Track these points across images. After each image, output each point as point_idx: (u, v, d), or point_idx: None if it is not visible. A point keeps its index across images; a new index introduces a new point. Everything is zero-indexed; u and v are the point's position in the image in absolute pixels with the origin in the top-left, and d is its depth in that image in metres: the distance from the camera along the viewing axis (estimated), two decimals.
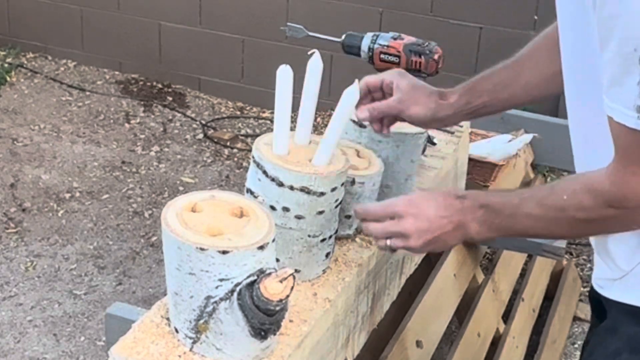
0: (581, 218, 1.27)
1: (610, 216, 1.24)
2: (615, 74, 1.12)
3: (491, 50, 3.88)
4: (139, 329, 1.30)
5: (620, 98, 1.12)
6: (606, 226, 1.28)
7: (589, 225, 1.28)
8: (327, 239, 1.48)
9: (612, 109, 1.14)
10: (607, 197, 1.23)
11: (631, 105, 1.10)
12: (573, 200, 1.26)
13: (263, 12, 4.26)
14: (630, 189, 1.20)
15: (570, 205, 1.27)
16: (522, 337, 2.54)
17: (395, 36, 1.92)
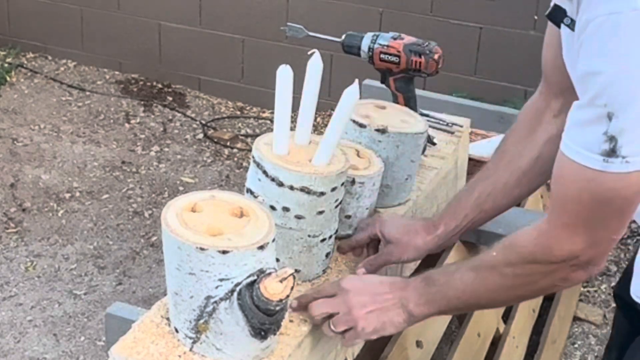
0: (508, 274, 1.27)
1: (534, 272, 1.25)
2: (583, 121, 1.13)
3: (491, 50, 3.87)
4: (139, 329, 1.30)
5: (584, 142, 1.13)
6: (533, 282, 1.28)
7: (516, 280, 1.28)
8: (327, 239, 1.48)
9: (574, 150, 1.15)
10: (531, 251, 1.24)
11: (596, 150, 1.11)
12: (501, 257, 1.28)
13: (263, 12, 4.26)
14: (557, 242, 1.21)
15: (499, 261, 1.28)
16: (522, 337, 2.54)
17: (395, 36, 1.92)
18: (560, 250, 1.21)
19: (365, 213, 1.63)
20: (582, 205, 1.17)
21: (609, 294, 3.08)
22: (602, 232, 1.19)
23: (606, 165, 1.11)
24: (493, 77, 3.90)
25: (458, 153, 2.13)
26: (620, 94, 1.07)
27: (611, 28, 1.07)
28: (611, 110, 1.08)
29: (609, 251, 1.25)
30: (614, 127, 1.09)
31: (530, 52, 3.78)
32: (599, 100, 1.09)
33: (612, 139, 1.09)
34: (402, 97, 1.96)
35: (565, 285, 1.29)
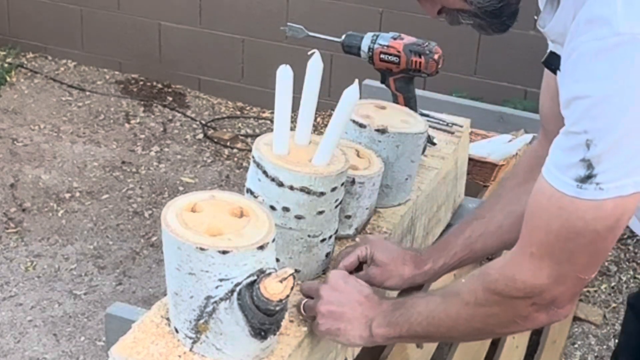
0: (470, 302, 1.26)
1: (495, 302, 1.23)
2: (564, 146, 1.12)
3: (491, 50, 3.88)
4: (139, 329, 1.30)
5: (562, 166, 1.12)
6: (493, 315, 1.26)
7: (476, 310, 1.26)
8: (327, 239, 1.48)
9: (552, 174, 1.14)
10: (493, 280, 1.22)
11: (571, 174, 1.10)
12: (468, 284, 1.27)
13: (263, 12, 4.26)
14: (521, 272, 1.19)
15: (464, 288, 1.27)
16: (522, 337, 2.54)
17: (395, 36, 1.92)
18: (523, 283, 1.19)
19: (365, 213, 1.63)
20: (550, 234, 1.14)
21: (609, 294, 3.08)
22: (568, 268, 1.16)
23: (579, 192, 1.09)
24: (493, 77, 3.90)
25: (458, 153, 2.13)
26: (600, 119, 1.07)
27: (594, 54, 1.07)
28: (590, 137, 1.07)
29: (576, 294, 1.22)
30: (592, 154, 1.08)
31: (530, 52, 3.78)
32: (579, 127, 1.09)
33: (589, 166, 1.08)
34: (402, 97, 1.95)
35: (525, 326, 1.25)
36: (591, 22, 1.08)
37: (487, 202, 1.64)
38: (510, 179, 1.60)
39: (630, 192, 1.09)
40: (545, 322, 1.24)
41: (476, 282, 1.26)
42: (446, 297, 1.30)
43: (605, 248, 1.15)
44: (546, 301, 1.19)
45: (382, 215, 1.72)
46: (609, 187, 1.08)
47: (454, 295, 1.29)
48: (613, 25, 1.05)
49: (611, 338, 2.87)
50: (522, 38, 3.79)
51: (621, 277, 3.17)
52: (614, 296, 3.05)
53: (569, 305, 1.22)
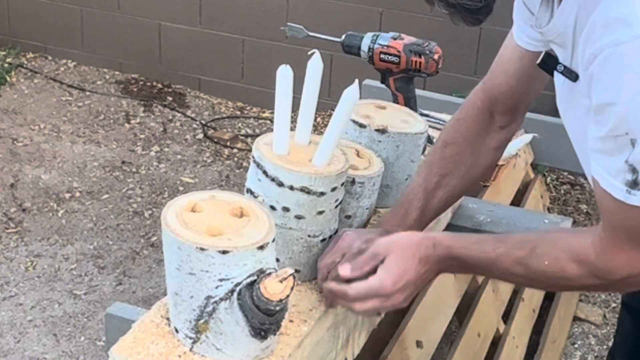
0: (563, 284, 1.30)
1: (592, 285, 1.27)
2: (606, 150, 1.14)
3: (491, 50, 3.86)
4: (139, 329, 1.30)
5: (609, 168, 1.14)
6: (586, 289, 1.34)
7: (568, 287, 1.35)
8: (327, 239, 1.48)
9: (600, 174, 1.16)
10: (592, 268, 1.24)
11: (620, 179, 1.12)
12: (555, 268, 1.27)
13: (263, 12, 4.26)
14: (616, 264, 1.22)
15: (553, 272, 1.28)
16: (522, 337, 2.54)
17: (395, 36, 1.92)
18: (620, 273, 1.22)
19: (365, 213, 1.63)
20: (630, 233, 1.18)
21: (609, 294, 3.08)
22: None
23: (628, 197, 1.12)
24: None
25: None
26: (636, 122, 1.08)
27: (618, 59, 1.07)
28: (634, 137, 1.09)
29: None
30: (635, 155, 1.09)
31: None
32: (620, 130, 1.10)
33: (633, 170, 1.10)
34: (402, 97, 1.96)
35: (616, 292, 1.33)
36: (609, 24, 1.08)
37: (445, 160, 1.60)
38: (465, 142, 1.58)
39: None
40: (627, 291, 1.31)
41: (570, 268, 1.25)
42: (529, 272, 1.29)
43: None
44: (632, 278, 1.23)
45: (382, 215, 1.72)
46: None
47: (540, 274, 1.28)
48: (633, 26, 1.06)
49: (611, 338, 2.87)
50: None
51: None
52: (614, 296, 3.05)
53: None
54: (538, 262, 1.29)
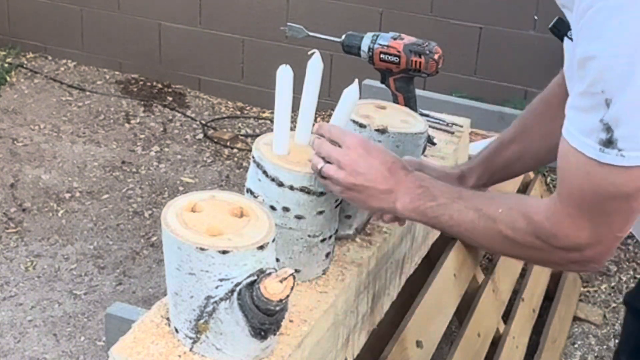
0: (508, 235, 1.28)
1: (533, 246, 1.25)
2: (582, 107, 1.13)
3: (491, 50, 3.87)
4: (139, 329, 1.30)
5: (583, 126, 1.13)
6: (526, 253, 1.30)
7: (510, 245, 1.29)
8: (327, 239, 1.48)
9: (571, 134, 1.15)
10: (539, 227, 1.23)
11: (594, 137, 1.11)
12: (506, 217, 1.28)
13: (263, 12, 4.26)
14: (563, 231, 1.21)
15: (503, 220, 1.28)
16: (522, 337, 2.54)
17: (395, 36, 1.92)
18: (565, 238, 1.21)
19: (365, 213, 1.63)
20: (585, 198, 1.16)
21: (609, 294, 3.08)
22: (606, 229, 1.18)
23: (601, 155, 1.10)
24: (493, 77, 3.90)
25: (458, 153, 2.13)
26: (615, 78, 1.07)
27: (608, 12, 1.07)
28: (609, 97, 1.07)
29: (612, 251, 1.24)
30: (610, 115, 1.08)
31: (530, 52, 3.78)
32: (597, 87, 1.09)
33: (608, 129, 1.09)
34: (402, 97, 1.95)
35: (558, 268, 1.31)
36: None
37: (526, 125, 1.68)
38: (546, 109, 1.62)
39: None
40: (579, 271, 1.29)
41: (519, 222, 1.26)
42: (482, 217, 1.30)
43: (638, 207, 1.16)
44: (586, 257, 1.22)
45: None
46: (630, 156, 1.09)
47: (490, 221, 1.29)
48: None
49: (611, 338, 2.87)
50: (522, 38, 3.79)
51: (621, 277, 3.17)
52: (614, 296, 3.05)
53: (604, 262, 1.25)
54: (493, 208, 1.29)
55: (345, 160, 1.35)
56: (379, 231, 1.67)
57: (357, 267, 1.55)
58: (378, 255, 1.63)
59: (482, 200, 1.33)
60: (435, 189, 1.36)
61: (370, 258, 1.60)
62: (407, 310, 2.00)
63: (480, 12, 3.85)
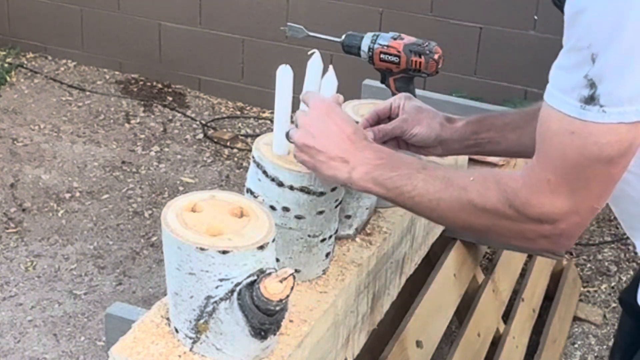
0: (477, 205, 1.20)
1: (505, 215, 1.19)
2: (566, 65, 1.10)
3: (491, 50, 3.87)
4: (139, 329, 1.30)
5: (564, 85, 1.10)
6: (495, 225, 1.21)
7: (479, 216, 1.21)
8: (327, 239, 1.48)
9: (552, 95, 1.11)
10: (512, 195, 1.18)
11: (575, 95, 1.08)
12: (478, 185, 1.21)
13: (263, 12, 4.26)
14: (538, 198, 1.15)
15: (474, 188, 1.21)
16: (522, 337, 2.54)
17: (395, 36, 1.91)
18: (540, 208, 1.15)
19: (365, 213, 1.63)
20: (566, 161, 1.12)
21: (609, 294, 3.08)
22: (584, 197, 1.14)
23: (582, 113, 1.07)
24: (493, 77, 3.90)
25: None
26: (604, 31, 1.04)
27: None
28: (595, 51, 1.05)
29: (585, 225, 1.19)
30: (596, 70, 1.05)
31: (530, 52, 3.78)
32: (584, 41, 1.06)
33: (592, 85, 1.06)
34: None
35: (526, 245, 1.22)
36: None
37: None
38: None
39: (632, 120, 1.07)
40: (548, 249, 1.22)
41: (491, 189, 1.20)
42: (450, 187, 1.24)
43: (618, 175, 1.13)
44: (558, 230, 1.17)
45: (382, 215, 1.72)
46: (612, 112, 1.06)
47: (459, 189, 1.23)
48: None
49: (611, 338, 2.87)
50: (522, 38, 3.79)
51: (621, 277, 3.17)
52: (614, 296, 3.05)
53: (576, 238, 1.20)
54: (463, 177, 1.23)
55: (304, 121, 1.32)
56: (379, 231, 1.67)
57: (357, 267, 1.55)
58: (378, 255, 1.63)
59: (451, 170, 1.28)
60: (397, 160, 1.29)
61: (370, 258, 1.60)
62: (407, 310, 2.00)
63: (480, 12, 3.85)
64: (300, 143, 1.32)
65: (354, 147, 1.30)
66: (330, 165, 1.31)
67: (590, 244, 3.36)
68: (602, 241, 3.38)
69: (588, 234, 3.42)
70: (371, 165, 1.29)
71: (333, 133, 1.31)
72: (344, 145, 1.31)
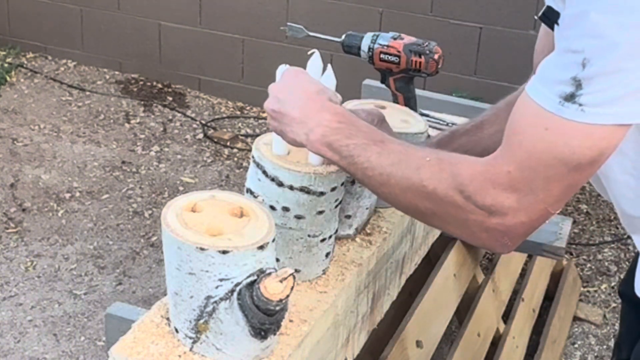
0: (427, 187, 1.17)
1: (452, 202, 1.15)
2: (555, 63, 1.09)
3: (491, 50, 3.88)
4: (139, 329, 1.30)
5: (548, 79, 1.08)
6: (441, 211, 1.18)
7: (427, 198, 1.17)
8: (327, 239, 1.48)
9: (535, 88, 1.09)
10: (465, 182, 1.14)
11: (556, 90, 1.06)
12: (432, 166, 1.18)
13: (263, 12, 4.26)
14: (492, 188, 1.12)
15: (428, 169, 1.18)
16: (522, 337, 2.54)
17: (395, 36, 1.92)
18: (492, 198, 1.12)
19: (365, 213, 1.63)
20: (532, 155, 1.09)
21: (609, 294, 3.08)
22: (541, 197, 1.10)
23: (559, 109, 1.05)
24: (493, 77, 3.90)
25: None
26: (600, 39, 1.03)
27: None
28: (587, 56, 1.03)
29: (531, 231, 1.15)
30: (585, 73, 1.04)
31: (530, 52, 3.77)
32: (578, 44, 1.05)
33: (578, 86, 1.04)
34: (402, 97, 1.96)
35: (464, 235, 1.18)
36: None
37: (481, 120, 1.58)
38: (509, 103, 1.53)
39: (609, 122, 1.04)
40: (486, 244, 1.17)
41: (445, 173, 1.16)
42: (402, 163, 1.20)
43: (580, 182, 1.11)
44: (504, 226, 1.13)
45: (382, 215, 1.72)
46: (590, 112, 1.04)
47: (413, 168, 1.19)
48: None
49: (611, 338, 2.87)
50: (522, 38, 3.79)
51: (621, 277, 3.17)
52: (614, 296, 3.05)
53: (518, 242, 1.16)
54: (420, 156, 1.20)
55: (273, 88, 1.32)
56: (379, 231, 1.67)
57: (357, 267, 1.55)
58: (378, 255, 1.63)
59: (410, 147, 1.24)
60: (355, 128, 1.25)
61: (370, 258, 1.60)
62: (407, 310, 2.00)
63: (480, 12, 3.85)
64: (268, 109, 1.31)
65: (315, 108, 1.28)
66: (292, 129, 1.29)
67: (590, 244, 3.36)
68: (602, 241, 3.38)
69: (588, 234, 3.42)
70: (328, 128, 1.25)
71: (297, 95, 1.29)
72: (306, 106, 1.28)
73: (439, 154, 1.21)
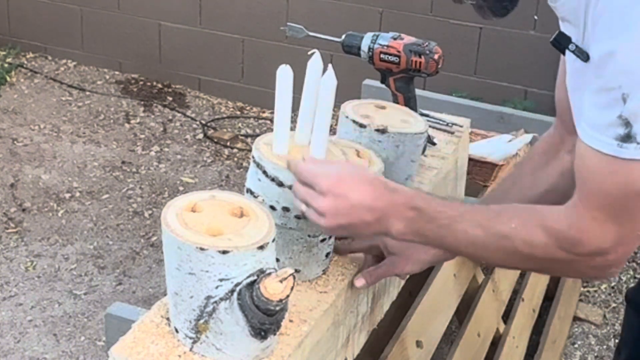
0: (525, 252, 1.22)
1: (555, 258, 1.21)
2: (598, 105, 1.12)
3: (491, 50, 3.87)
4: (139, 329, 1.30)
5: (598, 124, 1.12)
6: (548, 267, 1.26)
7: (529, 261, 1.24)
8: (327, 239, 1.48)
9: (587, 134, 1.13)
10: (561, 237, 1.19)
11: (610, 133, 1.10)
12: (522, 232, 1.22)
13: (263, 12, 4.26)
14: (587, 235, 1.18)
15: (518, 236, 1.22)
16: (522, 337, 2.54)
17: (395, 36, 1.91)
18: (589, 245, 1.18)
19: None
20: (608, 198, 1.14)
21: (609, 294, 3.08)
22: (631, 228, 1.16)
23: (620, 151, 1.09)
24: (493, 77, 3.90)
25: (458, 153, 2.13)
26: (635, 73, 1.06)
27: (625, 6, 1.06)
28: (626, 92, 1.07)
29: (632, 251, 1.22)
30: (628, 109, 1.07)
31: (530, 52, 3.78)
32: (614, 82, 1.08)
33: (627, 124, 1.08)
34: (402, 97, 1.95)
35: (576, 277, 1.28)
36: None
37: (503, 184, 1.63)
38: (525, 164, 1.59)
39: None
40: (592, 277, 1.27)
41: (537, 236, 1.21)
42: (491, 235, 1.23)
43: None
44: (608, 261, 1.19)
45: None
46: None
47: (503, 238, 1.23)
48: None
49: (611, 338, 2.87)
50: (522, 38, 3.79)
51: (621, 277, 3.17)
52: (614, 296, 3.06)
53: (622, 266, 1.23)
54: (504, 224, 1.23)
55: (322, 207, 1.28)
56: None
57: (357, 267, 1.55)
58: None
59: (488, 215, 1.26)
60: (430, 209, 1.28)
61: None
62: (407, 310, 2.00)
63: None
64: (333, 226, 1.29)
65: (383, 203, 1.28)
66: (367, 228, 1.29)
67: None
68: None
69: None
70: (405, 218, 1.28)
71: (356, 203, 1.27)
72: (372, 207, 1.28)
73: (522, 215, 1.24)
